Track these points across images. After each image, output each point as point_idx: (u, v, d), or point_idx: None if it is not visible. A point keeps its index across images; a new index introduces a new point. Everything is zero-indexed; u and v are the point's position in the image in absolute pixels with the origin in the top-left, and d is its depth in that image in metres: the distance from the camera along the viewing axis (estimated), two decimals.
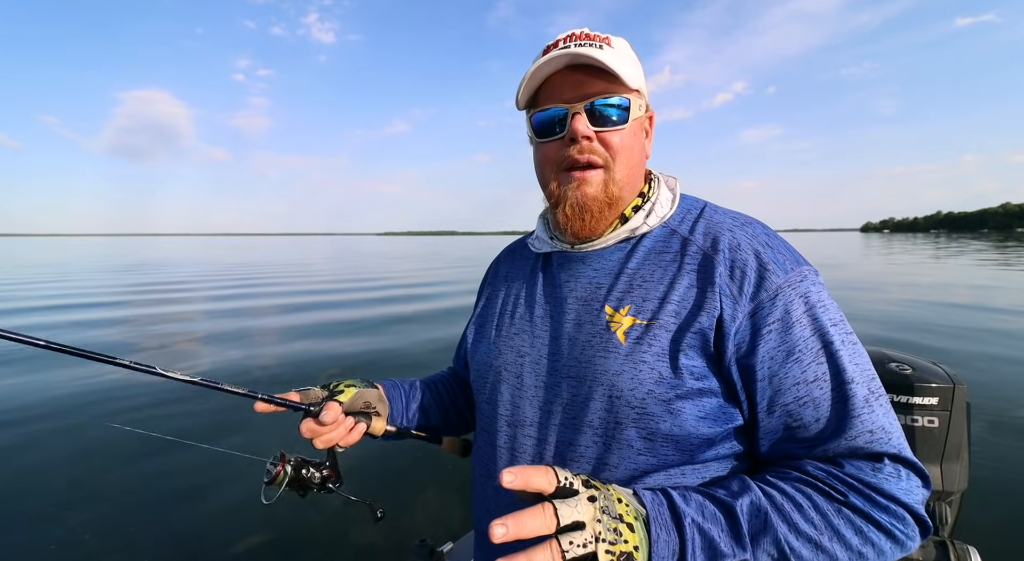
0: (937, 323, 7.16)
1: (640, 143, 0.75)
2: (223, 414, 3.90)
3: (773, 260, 0.67)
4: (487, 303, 0.92)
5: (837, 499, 0.60)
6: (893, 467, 0.61)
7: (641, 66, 0.75)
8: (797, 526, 0.58)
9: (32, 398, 4.36)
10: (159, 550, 2.32)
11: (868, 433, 0.62)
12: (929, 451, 1.22)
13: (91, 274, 18.28)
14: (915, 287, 11.88)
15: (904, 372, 1.26)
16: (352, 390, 0.85)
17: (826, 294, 0.68)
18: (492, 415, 0.80)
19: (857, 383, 0.63)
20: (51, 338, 0.64)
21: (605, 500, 0.53)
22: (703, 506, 0.57)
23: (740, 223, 0.73)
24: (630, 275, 0.73)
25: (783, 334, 0.65)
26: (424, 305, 10.20)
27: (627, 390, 0.67)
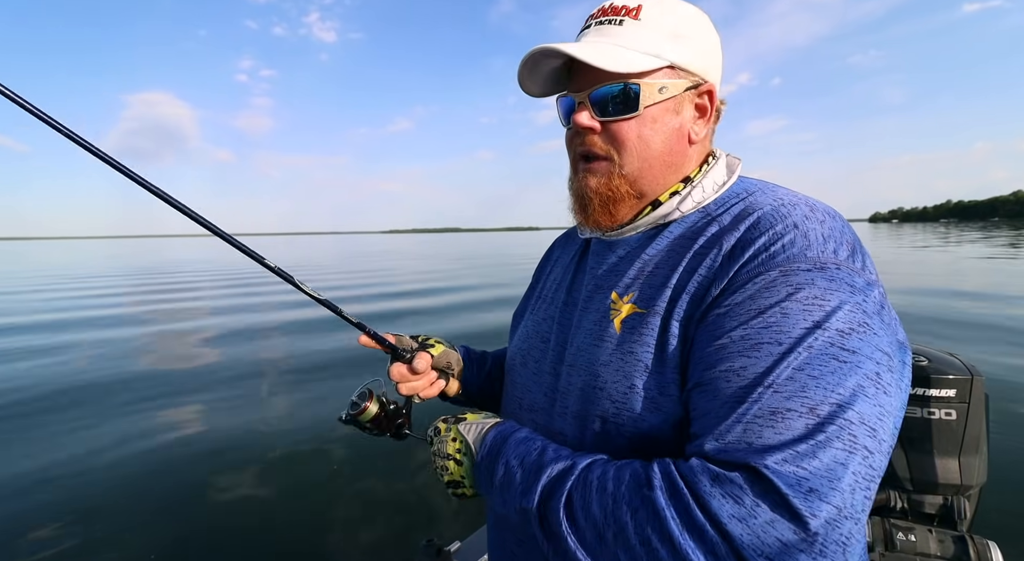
0: (951, 312, 7.06)
1: (667, 128, 0.67)
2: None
3: (788, 241, 0.57)
4: (534, 286, 0.95)
5: (642, 494, 0.51)
6: (739, 485, 0.47)
7: (696, 32, 0.66)
8: (589, 505, 0.53)
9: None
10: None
11: (738, 442, 0.49)
12: (947, 444, 1.19)
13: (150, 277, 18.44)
14: (927, 276, 11.73)
15: (920, 363, 1.23)
16: (441, 347, 0.91)
17: (842, 299, 0.53)
18: (511, 396, 0.83)
19: (777, 392, 0.49)
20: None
21: (440, 444, 0.72)
22: (526, 452, 0.62)
23: (782, 203, 0.62)
24: (645, 262, 0.68)
25: (735, 317, 0.55)
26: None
27: (610, 382, 0.64)
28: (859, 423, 0.48)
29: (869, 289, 0.55)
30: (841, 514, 0.46)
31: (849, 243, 0.58)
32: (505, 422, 0.71)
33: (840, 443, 0.47)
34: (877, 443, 0.49)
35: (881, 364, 0.52)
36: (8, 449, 3.44)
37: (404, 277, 15.91)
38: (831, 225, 0.59)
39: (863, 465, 0.48)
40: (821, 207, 0.62)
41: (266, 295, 11.96)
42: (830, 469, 0.46)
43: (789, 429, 0.48)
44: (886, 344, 0.54)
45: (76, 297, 12.07)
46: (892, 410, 0.52)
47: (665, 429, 0.60)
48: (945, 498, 1.20)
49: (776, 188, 0.67)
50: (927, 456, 1.20)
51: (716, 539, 0.46)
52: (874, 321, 0.54)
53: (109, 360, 5.91)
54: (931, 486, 1.20)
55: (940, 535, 1.16)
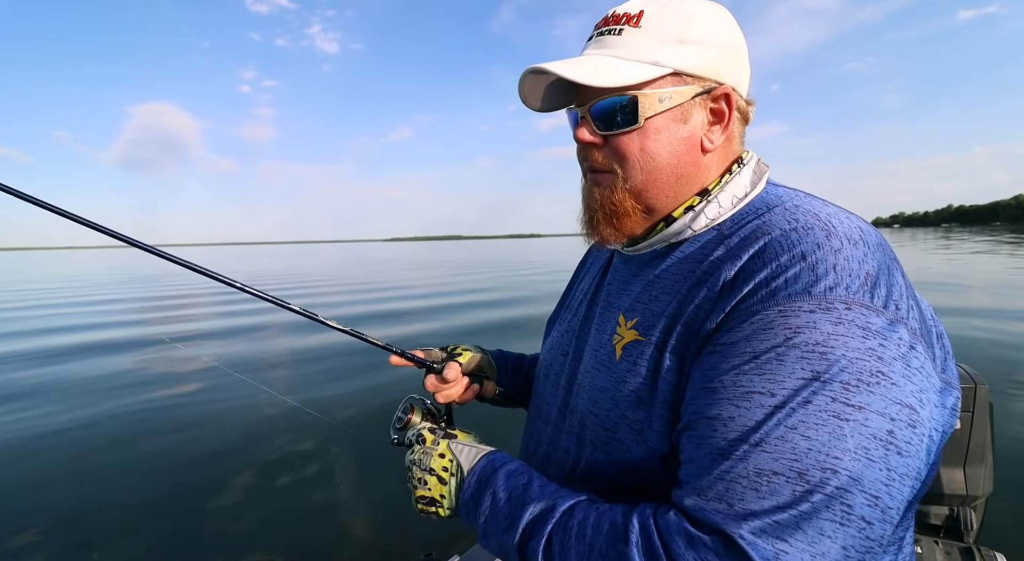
0: (953, 321, 7.05)
1: (674, 139, 0.62)
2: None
3: (793, 276, 0.50)
4: (567, 293, 0.95)
5: (617, 549, 0.49)
6: (714, 551, 0.45)
7: (706, 34, 0.62)
8: (566, 552, 0.53)
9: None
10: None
11: (718, 502, 0.47)
12: (952, 455, 1.18)
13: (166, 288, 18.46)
14: (928, 281, 11.73)
15: None
16: (468, 354, 0.94)
17: (850, 345, 0.47)
18: (533, 405, 0.85)
19: (765, 452, 0.46)
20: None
21: (423, 455, 0.70)
22: (514, 487, 0.61)
23: (795, 226, 0.55)
24: (651, 284, 0.65)
25: (727, 359, 0.51)
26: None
27: (604, 410, 0.64)
28: (857, 491, 0.44)
29: (891, 330, 0.48)
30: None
31: (869, 274, 0.50)
32: (497, 452, 0.70)
33: (830, 514, 0.44)
34: (879, 513, 0.45)
35: (897, 420, 0.46)
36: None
37: (428, 288, 15.88)
38: (848, 253, 0.51)
39: (857, 538, 0.44)
40: (842, 230, 0.54)
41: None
42: (815, 543, 0.43)
43: (773, 495, 0.45)
44: (909, 394, 0.47)
45: (86, 303, 12.07)
46: (907, 471, 0.46)
47: (652, 463, 0.59)
48: (951, 509, 1.18)
49: (800, 203, 0.59)
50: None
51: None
52: (894, 369, 0.47)
53: (114, 360, 5.89)
54: (936, 497, 1.18)
55: (947, 547, 1.14)
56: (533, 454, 0.80)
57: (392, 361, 0.86)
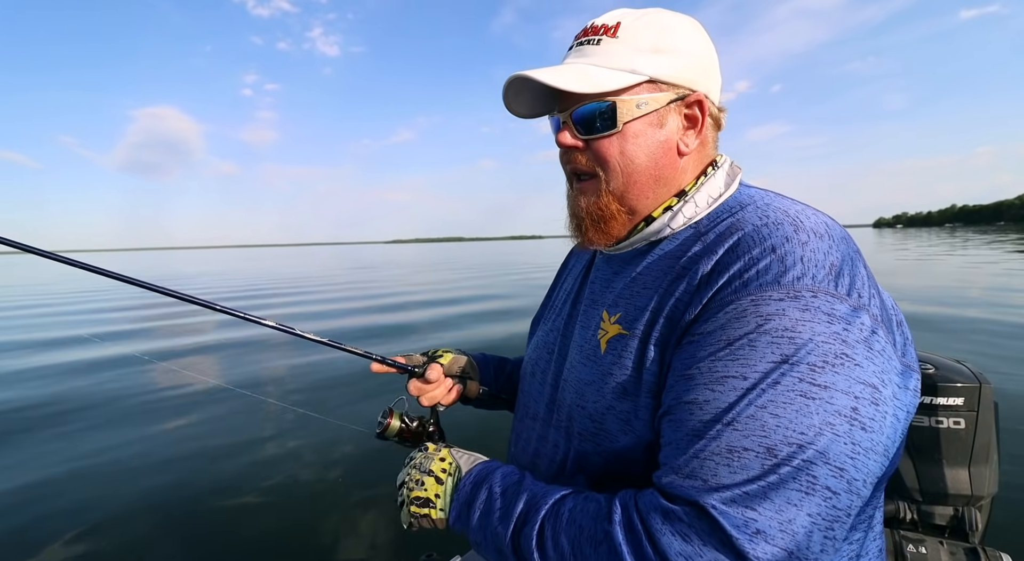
0: (957, 318, 7.02)
1: (651, 143, 0.66)
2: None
3: (763, 267, 0.55)
4: (550, 295, 0.97)
5: (603, 529, 0.52)
6: (688, 523, 0.48)
7: (680, 44, 0.66)
8: (558, 537, 0.56)
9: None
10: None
11: (692, 478, 0.50)
12: (956, 454, 1.17)
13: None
14: (934, 281, 11.68)
15: (927, 371, 1.21)
16: (449, 355, 0.96)
17: (816, 330, 0.51)
18: (520, 404, 0.86)
19: (736, 430, 0.49)
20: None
21: (424, 459, 0.73)
22: (508, 483, 0.64)
23: (766, 221, 0.59)
24: (633, 280, 0.69)
25: (703, 347, 0.54)
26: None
27: (591, 402, 0.66)
28: (822, 463, 0.47)
29: (854, 315, 0.52)
30: (791, 556, 0.46)
31: (833, 265, 0.55)
32: (492, 460, 0.73)
33: (796, 484, 0.47)
34: (845, 483, 0.48)
35: (861, 398, 0.50)
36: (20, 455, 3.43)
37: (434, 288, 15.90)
38: (814, 245, 0.56)
39: (823, 506, 0.47)
40: (809, 225, 0.58)
41: (276, 307, 11.99)
42: (781, 511, 0.46)
43: (744, 469, 0.48)
44: (871, 374, 0.51)
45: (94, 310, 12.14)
46: (872, 446, 0.50)
47: (638, 451, 0.62)
48: (956, 509, 1.18)
49: (771, 202, 0.63)
50: (936, 466, 1.18)
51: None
52: (857, 351, 0.51)
53: (123, 363, 5.92)
54: (941, 497, 1.17)
55: (951, 547, 1.14)
56: (522, 451, 0.81)
57: (373, 368, 0.89)
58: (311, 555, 2.37)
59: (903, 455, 1.22)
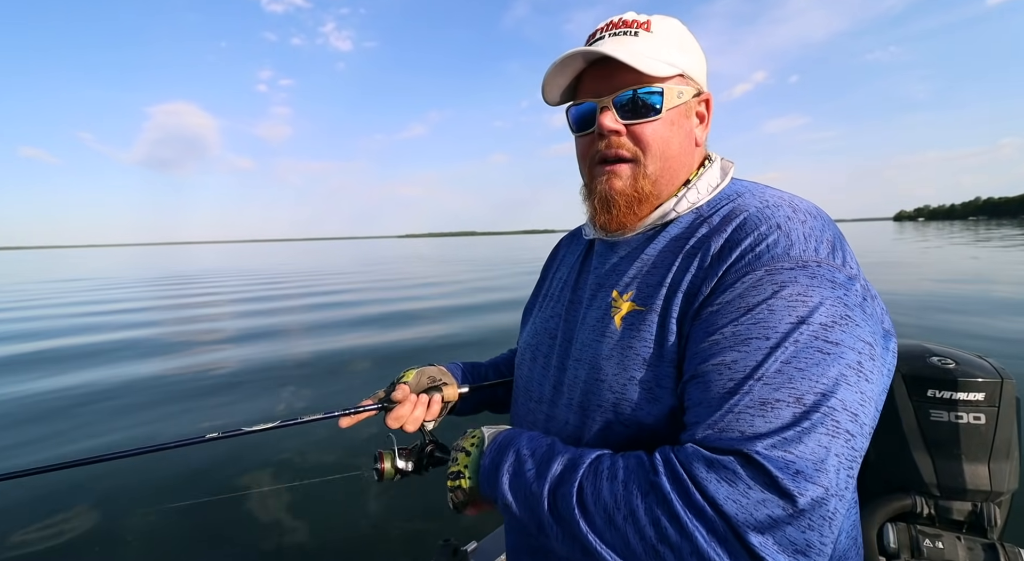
0: (980, 315, 6.86)
1: (682, 132, 0.73)
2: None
3: (772, 241, 0.61)
4: (541, 284, 0.99)
5: (649, 480, 0.54)
6: (734, 469, 0.51)
7: (694, 47, 0.74)
8: (600, 492, 0.57)
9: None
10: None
11: (730, 431, 0.53)
12: (976, 449, 1.16)
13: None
14: (958, 277, 11.41)
15: (947, 366, 1.20)
16: (412, 372, 0.95)
17: (824, 294, 0.57)
18: (520, 388, 0.88)
19: (767, 384, 0.53)
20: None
21: (460, 440, 0.75)
22: (537, 446, 0.66)
23: (767, 204, 0.66)
24: (644, 262, 0.72)
25: (725, 315, 0.59)
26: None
27: (611, 375, 0.69)
28: (841, 409, 0.53)
29: (850, 283, 0.59)
30: (828, 492, 0.50)
31: (829, 240, 0.62)
32: (517, 428, 0.75)
33: (824, 428, 0.52)
34: (859, 427, 0.53)
35: (863, 353, 0.56)
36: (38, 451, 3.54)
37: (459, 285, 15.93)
38: (812, 224, 0.63)
39: (846, 447, 0.52)
40: (803, 207, 0.66)
41: (287, 299, 12.13)
42: (815, 452, 0.51)
43: (778, 418, 0.52)
44: (868, 334, 0.57)
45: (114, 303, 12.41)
46: (873, 396, 0.56)
47: (661, 418, 0.65)
48: (974, 504, 1.17)
49: (764, 190, 0.70)
50: (955, 461, 1.17)
51: (715, 518, 0.50)
52: (855, 313, 0.58)
53: (132, 362, 6.06)
54: (960, 492, 1.16)
55: (969, 543, 1.13)
56: None
57: (343, 424, 0.87)
58: (332, 543, 2.43)
59: (921, 450, 1.21)
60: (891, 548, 1.14)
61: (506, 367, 1.08)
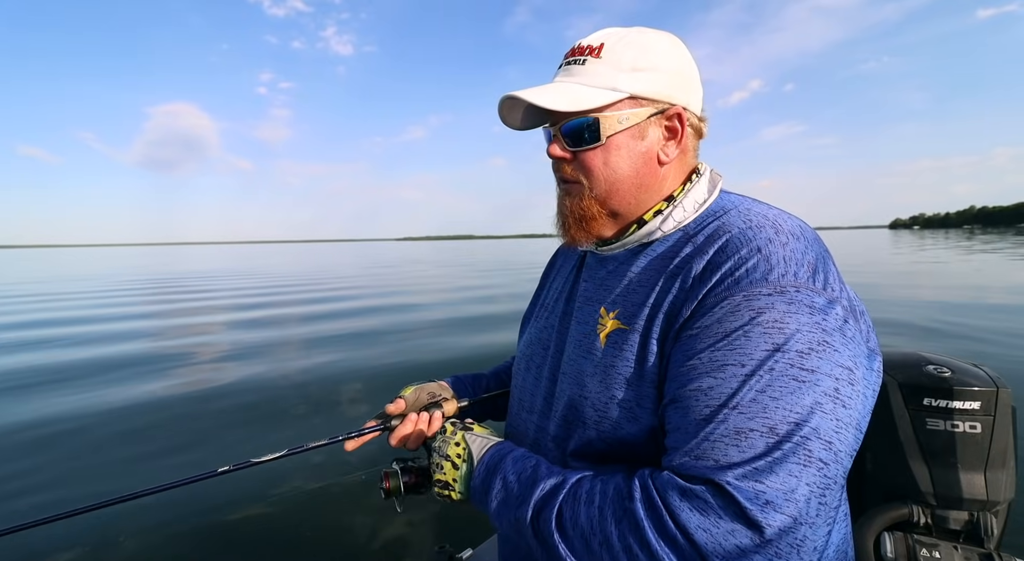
0: (977, 324, 6.87)
1: (632, 153, 0.72)
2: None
3: (752, 266, 0.61)
4: (539, 293, 1.01)
5: (624, 506, 0.56)
6: (706, 499, 0.53)
7: (659, 63, 0.71)
8: (577, 517, 0.59)
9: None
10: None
11: (704, 459, 0.55)
12: (972, 458, 1.16)
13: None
14: (952, 286, 11.44)
15: (942, 374, 1.21)
16: (410, 388, 0.97)
17: (801, 321, 0.57)
18: (514, 397, 0.90)
19: (741, 413, 0.55)
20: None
21: (442, 443, 0.78)
22: (523, 469, 0.67)
23: (750, 225, 0.66)
24: (629, 279, 0.74)
25: (703, 340, 0.60)
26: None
27: (594, 392, 0.71)
28: (815, 438, 0.53)
29: (830, 307, 0.59)
30: (796, 521, 0.52)
31: (811, 263, 0.62)
32: (504, 442, 0.77)
33: (796, 458, 0.53)
34: (833, 454, 0.54)
35: (840, 379, 0.56)
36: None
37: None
38: (793, 246, 0.63)
39: (818, 475, 0.53)
40: (787, 227, 0.65)
41: (290, 303, 12.13)
42: (785, 482, 0.52)
43: (751, 448, 0.53)
44: (847, 358, 0.58)
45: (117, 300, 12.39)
46: (851, 421, 0.56)
47: (640, 437, 0.66)
48: (971, 514, 1.17)
49: (750, 207, 0.70)
50: (951, 470, 1.17)
51: (686, 546, 0.52)
52: (834, 338, 0.57)
53: (138, 358, 6.05)
54: (956, 501, 1.16)
55: (966, 552, 1.13)
56: (520, 443, 0.85)
57: (348, 447, 0.90)
58: (326, 548, 2.41)
59: (917, 459, 1.21)
60: (888, 557, 1.14)
61: (507, 375, 1.10)
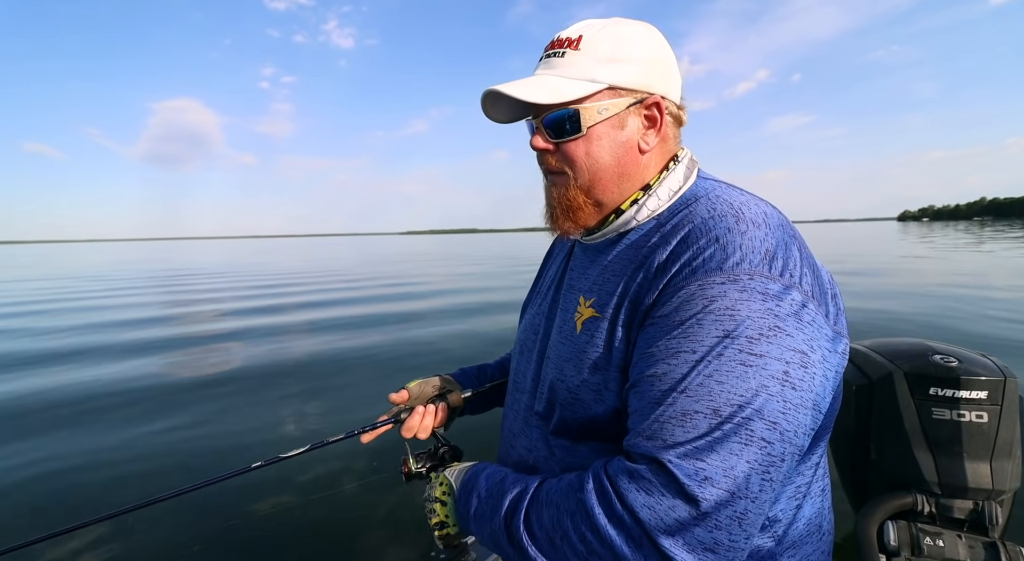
0: (985, 314, 6.82)
1: (613, 143, 0.74)
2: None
3: (708, 255, 0.63)
4: (536, 280, 1.05)
5: (577, 498, 0.61)
6: (650, 478, 0.56)
7: (637, 53, 0.72)
8: (541, 519, 0.64)
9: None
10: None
11: (653, 439, 0.58)
12: (978, 448, 1.16)
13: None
14: (959, 277, 11.34)
15: (949, 364, 1.20)
16: (415, 382, 1.03)
17: (752, 308, 0.59)
18: (511, 379, 0.95)
19: (688, 396, 0.58)
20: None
21: (429, 490, 0.82)
22: (492, 484, 0.72)
23: (712, 214, 0.67)
24: (604, 268, 0.76)
25: (661, 328, 0.63)
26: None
27: (569, 376, 0.75)
28: (758, 419, 0.56)
29: (785, 293, 0.61)
30: (734, 496, 0.55)
31: (768, 251, 0.63)
32: (478, 464, 0.81)
33: (737, 438, 0.56)
34: (778, 434, 0.57)
35: (791, 362, 0.58)
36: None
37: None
38: (752, 234, 0.64)
39: (760, 454, 0.56)
40: (749, 215, 0.66)
41: (293, 295, 12.18)
42: (725, 460, 0.55)
43: (695, 428, 0.56)
44: (801, 342, 0.60)
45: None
46: (803, 402, 0.59)
47: (607, 417, 0.71)
48: (976, 503, 1.17)
49: (718, 195, 0.71)
50: (956, 459, 1.17)
51: (632, 525, 0.56)
52: (787, 323, 0.59)
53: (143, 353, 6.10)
54: (961, 490, 1.16)
55: (970, 541, 1.13)
56: (513, 420, 0.89)
57: (364, 440, 0.94)
58: (339, 532, 2.44)
59: (923, 448, 1.21)
60: (891, 546, 1.14)
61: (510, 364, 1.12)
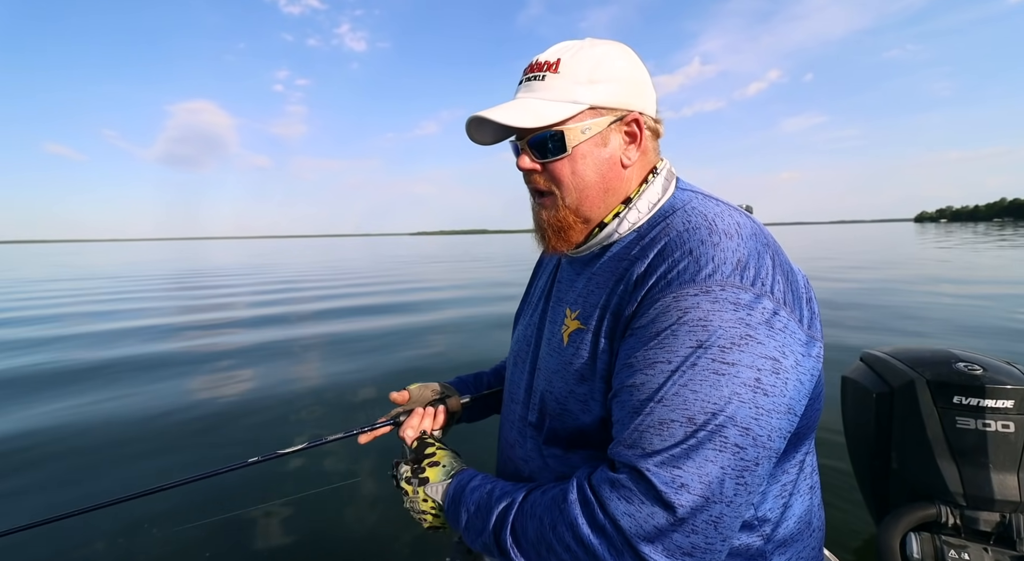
0: (1008, 320, 6.64)
1: (597, 160, 0.76)
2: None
3: (682, 268, 0.65)
4: (527, 291, 1.06)
5: (560, 509, 0.63)
6: (629, 487, 0.58)
7: (614, 72, 0.75)
8: (527, 530, 0.66)
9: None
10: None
11: (632, 448, 0.60)
12: (1004, 458, 1.13)
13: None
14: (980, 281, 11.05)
15: (974, 372, 1.17)
16: (415, 385, 1.05)
17: (724, 318, 0.61)
18: (506, 389, 0.96)
19: (665, 405, 0.60)
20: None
21: (412, 504, 0.83)
22: (479, 498, 0.74)
23: (687, 226, 0.70)
24: (588, 281, 0.79)
25: (639, 339, 0.65)
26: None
27: (557, 387, 0.77)
28: (731, 426, 0.58)
29: (756, 302, 0.63)
30: (708, 501, 0.57)
31: (739, 261, 0.65)
32: (461, 474, 0.81)
33: (711, 444, 0.58)
34: (751, 439, 0.59)
35: (763, 369, 0.60)
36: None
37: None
38: (724, 245, 0.66)
39: (733, 460, 0.58)
40: (722, 227, 0.68)
41: (299, 292, 12.31)
42: (700, 466, 0.57)
43: (671, 436, 0.59)
44: (772, 349, 0.61)
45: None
46: (775, 408, 0.60)
47: (595, 426, 0.73)
48: (1003, 515, 1.14)
49: (694, 208, 0.73)
50: (982, 470, 1.14)
51: (613, 533, 0.58)
52: (758, 331, 0.61)
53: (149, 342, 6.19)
54: (987, 502, 1.14)
55: (997, 554, 1.10)
56: (509, 432, 0.91)
57: (362, 440, 0.97)
58: (352, 533, 2.45)
59: (946, 458, 1.18)
60: (914, 558, 1.12)
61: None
